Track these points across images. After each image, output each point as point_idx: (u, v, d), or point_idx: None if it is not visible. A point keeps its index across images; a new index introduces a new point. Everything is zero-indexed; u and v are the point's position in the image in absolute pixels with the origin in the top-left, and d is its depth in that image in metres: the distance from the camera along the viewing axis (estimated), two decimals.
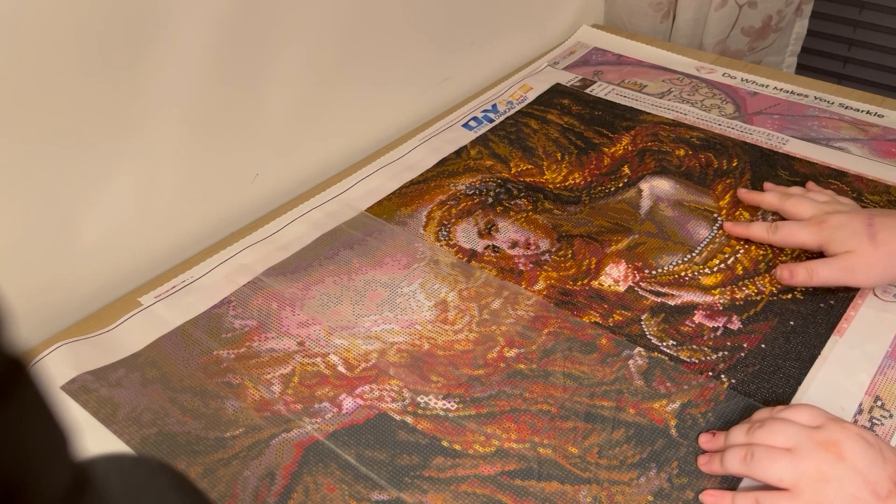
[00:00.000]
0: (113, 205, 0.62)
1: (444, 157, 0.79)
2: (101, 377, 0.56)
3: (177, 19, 0.59)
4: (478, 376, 0.57)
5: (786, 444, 0.46)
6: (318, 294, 0.64)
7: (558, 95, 0.88)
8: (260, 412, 0.54)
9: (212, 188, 0.70)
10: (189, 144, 0.66)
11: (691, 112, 0.85)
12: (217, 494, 0.49)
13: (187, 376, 0.57)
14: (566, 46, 0.99)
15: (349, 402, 0.55)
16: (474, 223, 0.71)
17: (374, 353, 0.59)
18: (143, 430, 0.53)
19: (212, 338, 0.60)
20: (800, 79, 0.91)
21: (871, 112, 0.83)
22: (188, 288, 0.64)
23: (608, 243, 0.68)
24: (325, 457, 0.51)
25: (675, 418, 0.53)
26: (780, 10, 1.09)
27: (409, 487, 0.49)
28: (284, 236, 0.70)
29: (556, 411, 0.54)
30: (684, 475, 0.50)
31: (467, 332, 0.60)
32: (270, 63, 0.69)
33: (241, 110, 0.69)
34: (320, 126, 0.77)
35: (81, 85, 0.56)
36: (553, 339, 0.59)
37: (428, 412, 0.54)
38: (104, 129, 0.59)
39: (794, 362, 0.57)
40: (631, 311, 0.62)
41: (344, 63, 0.76)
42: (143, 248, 0.66)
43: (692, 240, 0.68)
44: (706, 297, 0.63)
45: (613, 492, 0.49)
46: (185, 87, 0.63)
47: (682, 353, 0.58)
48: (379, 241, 0.69)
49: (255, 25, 0.66)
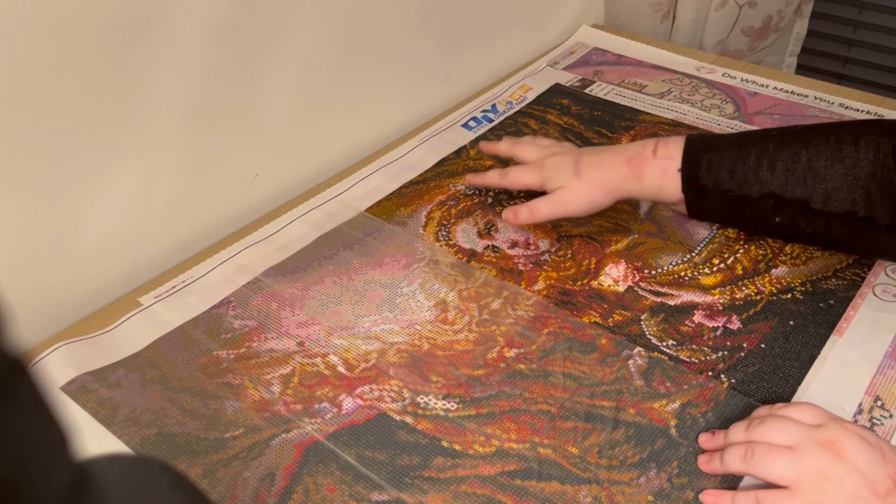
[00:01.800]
0: (113, 205, 0.62)
1: (443, 157, 0.79)
2: (101, 378, 0.56)
3: (177, 18, 0.59)
4: (478, 376, 0.57)
5: (787, 442, 0.46)
6: (318, 294, 0.64)
7: (558, 95, 0.88)
8: (260, 413, 0.54)
9: (212, 188, 0.70)
10: (189, 145, 0.66)
11: (691, 112, 0.85)
12: (217, 495, 0.49)
13: (187, 377, 0.57)
14: (566, 46, 0.99)
15: (349, 403, 0.55)
16: (474, 223, 0.71)
17: (373, 354, 0.59)
18: (143, 430, 0.53)
19: (211, 338, 0.60)
20: (800, 79, 0.91)
21: (871, 112, 0.83)
22: (188, 288, 0.64)
23: (608, 243, 0.68)
24: (324, 457, 0.51)
25: (675, 418, 0.53)
26: (780, 10, 1.09)
27: (409, 488, 0.49)
28: (284, 236, 0.70)
29: (556, 411, 0.54)
30: (684, 475, 0.50)
31: (467, 333, 0.60)
32: (270, 63, 0.69)
33: (241, 110, 0.69)
34: (320, 126, 0.77)
35: (81, 85, 0.56)
36: (553, 339, 0.59)
37: (428, 412, 0.54)
38: (104, 129, 0.59)
39: (794, 362, 0.57)
40: (631, 311, 0.62)
41: (344, 63, 0.76)
42: (143, 248, 0.66)
43: (692, 240, 0.68)
44: (706, 296, 0.63)
45: (613, 492, 0.49)
46: (185, 87, 0.63)
47: (682, 353, 0.58)
48: (378, 241, 0.69)
49: (256, 27, 0.66)
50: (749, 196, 0.60)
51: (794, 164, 0.58)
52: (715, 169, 0.61)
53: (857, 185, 0.56)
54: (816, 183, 0.58)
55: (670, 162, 0.63)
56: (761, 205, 0.60)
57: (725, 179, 0.61)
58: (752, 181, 0.60)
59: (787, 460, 0.45)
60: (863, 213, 0.57)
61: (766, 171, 0.59)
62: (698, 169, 0.62)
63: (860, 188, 0.56)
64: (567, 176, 0.65)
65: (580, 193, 0.65)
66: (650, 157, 0.63)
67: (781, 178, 0.59)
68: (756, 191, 0.60)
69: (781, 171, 0.59)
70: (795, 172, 0.58)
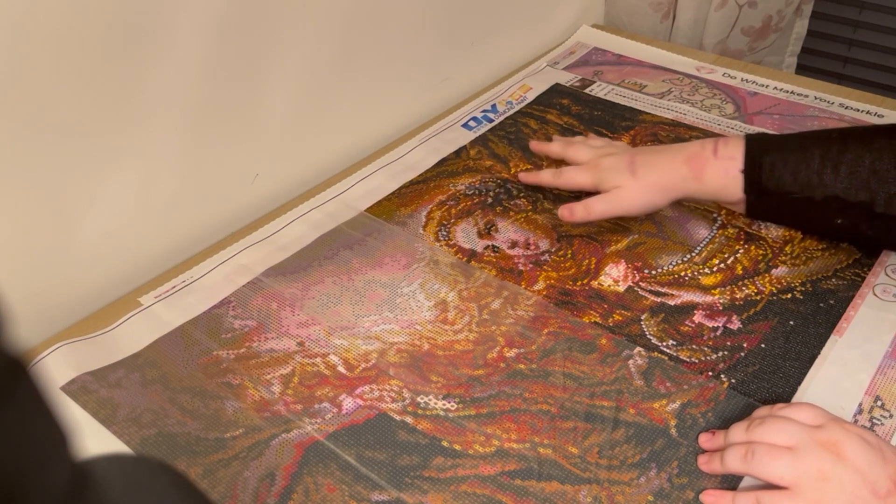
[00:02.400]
0: (113, 205, 0.62)
1: (443, 157, 0.79)
2: (101, 378, 0.56)
3: (177, 18, 0.59)
4: (478, 376, 0.57)
5: (787, 443, 0.46)
6: (318, 294, 0.64)
7: (558, 95, 0.88)
8: (260, 413, 0.54)
9: (212, 188, 0.70)
10: (189, 145, 0.66)
11: (691, 112, 0.85)
12: (217, 495, 0.49)
13: (187, 377, 0.57)
14: (566, 46, 0.99)
15: (349, 403, 0.55)
16: (474, 223, 0.71)
17: (373, 354, 0.59)
18: (143, 430, 0.53)
19: (211, 338, 0.60)
20: (800, 79, 0.91)
21: (871, 112, 0.83)
22: (188, 288, 0.64)
23: (608, 243, 0.68)
24: (325, 457, 0.51)
25: (675, 418, 0.53)
26: (780, 10, 1.09)
27: (410, 488, 0.49)
28: (284, 237, 0.70)
29: (556, 411, 0.54)
30: (684, 475, 0.50)
31: (467, 333, 0.60)
32: (271, 63, 0.69)
33: (241, 110, 0.69)
34: (320, 126, 0.77)
35: (81, 86, 0.56)
36: (553, 339, 0.59)
37: (428, 412, 0.54)
38: (104, 129, 0.59)
39: (794, 362, 0.57)
40: (631, 310, 0.62)
41: (344, 63, 0.76)
42: (143, 248, 0.66)
43: (692, 240, 0.68)
44: (706, 296, 0.63)
45: (613, 492, 0.49)
46: (185, 87, 0.63)
47: (682, 353, 0.58)
48: (378, 241, 0.69)
49: (256, 26, 0.66)
50: (812, 199, 0.60)
51: (857, 167, 0.58)
52: (779, 171, 0.61)
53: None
54: (879, 186, 0.58)
55: (732, 162, 0.63)
56: (824, 207, 0.60)
57: (788, 182, 0.61)
58: (815, 184, 0.60)
59: (788, 461, 0.45)
60: None
61: (829, 175, 0.59)
62: (761, 171, 0.62)
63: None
64: (623, 176, 0.65)
65: (637, 193, 0.65)
66: (711, 157, 0.63)
67: (845, 182, 0.59)
68: (819, 194, 0.60)
69: (845, 175, 0.59)
70: (859, 176, 0.58)
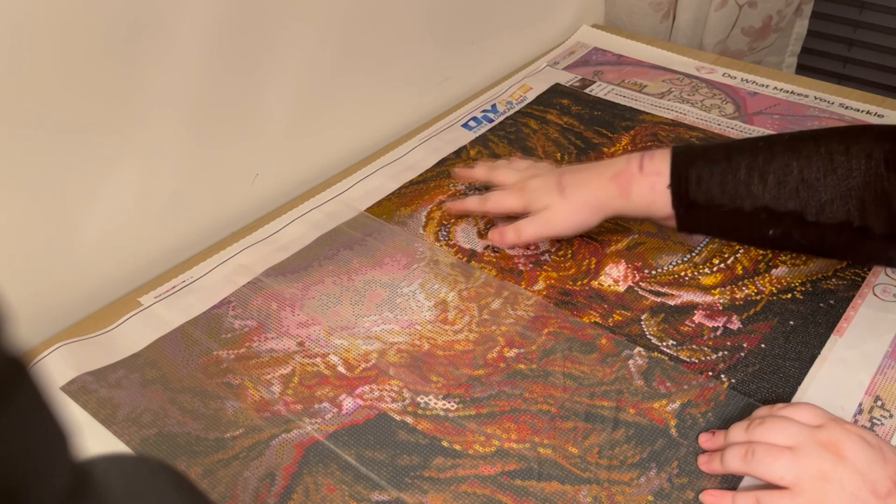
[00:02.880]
0: (113, 204, 0.62)
1: (443, 157, 0.79)
2: (101, 378, 0.56)
3: (178, 17, 0.59)
4: (478, 376, 0.57)
5: (787, 443, 0.46)
6: (318, 294, 0.64)
7: (558, 95, 0.88)
8: (260, 413, 0.54)
9: (212, 188, 0.70)
10: (189, 144, 0.66)
11: (691, 112, 0.85)
12: (217, 495, 0.49)
13: (187, 377, 0.57)
14: (566, 46, 0.99)
15: (349, 403, 0.55)
16: (474, 223, 0.71)
17: (373, 354, 0.59)
18: (143, 430, 0.53)
19: (211, 338, 0.60)
20: (800, 79, 0.91)
21: (871, 112, 0.83)
22: (188, 288, 0.64)
23: (608, 243, 0.68)
24: (325, 457, 0.51)
25: (675, 418, 0.53)
26: (780, 10, 1.09)
27: (410, 488, 0.49)
28: (284, 237, 0.70)
29: (556, 411, 0.54)
30: (684, 475, 0.50)
31: (467, 333, 0.60)
32: (271, 63, 0.69)
33: (241, 110, 0.69)
34: (320, 126, 0.77)
35: (81, 85, 0.56)
36: (553, 339, 0.59)
37: (428, 412, 0.54)
38: (104, 128, 0.59)
39: (794, 362, 0.57)
40: (631, 310, 0.62)
41: (344, 63, 0.76)
42: (143, 248, 0.66)
43: (692, 240, 0.68)
44: (706, 296, 0.63)
45: (613, 492, 0.49)
46: (185, 86, 0.63)
47: (682, 353, 0.58)
48: (378, 241, 0.69)
49: (256, 26, 0.66)
50: (741, 210, 0.58)
51: (785, 177, 0.57)
52: (705, 184, 0.59)
53: (850, 195, 0.55)
54: (809, 195, 0.56)
55: (658, 178, 0.60)
56: (754, 218, 0.58)
57: (716, 194, 0.59)
58: (743, 195, 0.58)
59: (788, 461, 0.45)
60: (857, 223, 0.55)
61: (757, 185, 0.57)
62: (688, 185, 0.59)
63: (854, 199, 0.55)
64: (552, 195, 0.64)
65: (567, 212, 0.63)
66: (636, 174, 0.61)
67: (773, 192, 0.57)
68: (748, 205, 0.58)
69: (773, 184, 0.57)
70: (787, 185, 0.57)
